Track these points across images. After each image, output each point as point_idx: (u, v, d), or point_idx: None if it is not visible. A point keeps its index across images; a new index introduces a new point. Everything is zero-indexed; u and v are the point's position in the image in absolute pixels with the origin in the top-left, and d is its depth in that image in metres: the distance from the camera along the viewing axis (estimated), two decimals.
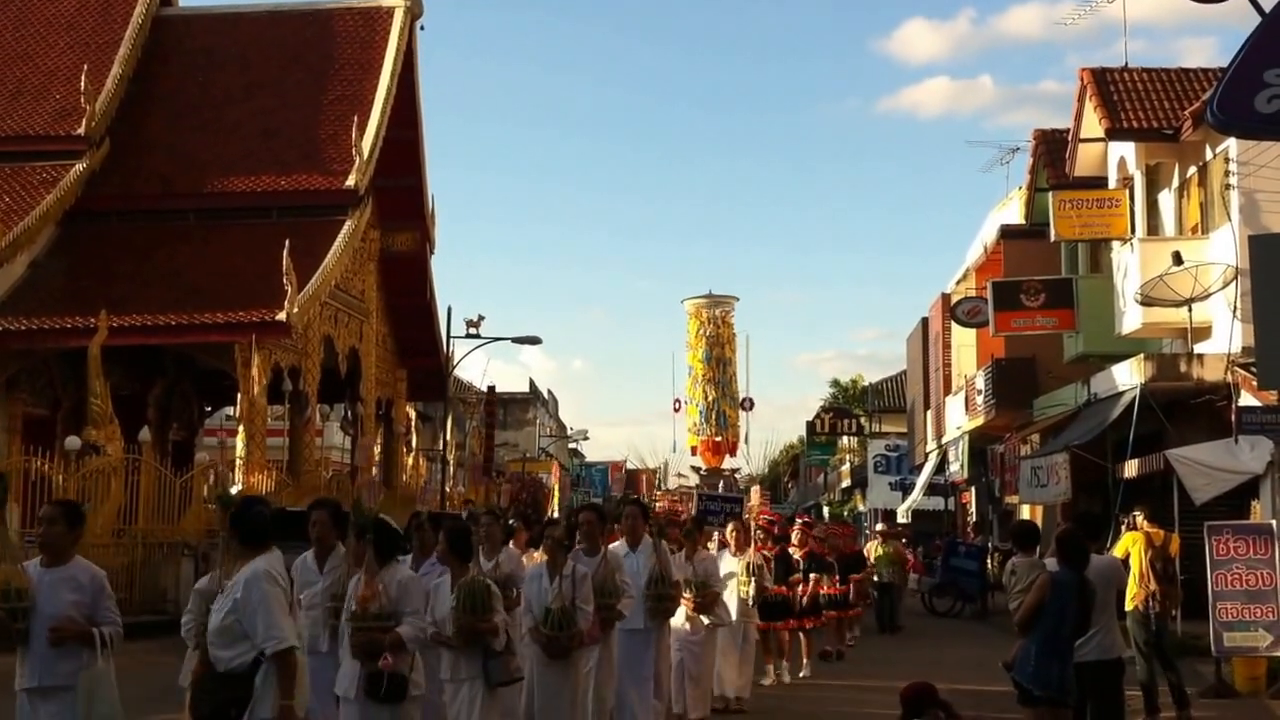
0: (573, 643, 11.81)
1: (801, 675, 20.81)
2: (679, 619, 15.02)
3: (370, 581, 9.85)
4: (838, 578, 24.01)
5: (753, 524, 19.86)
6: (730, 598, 16.84)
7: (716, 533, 18.58)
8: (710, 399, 39.47)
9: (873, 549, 31.13)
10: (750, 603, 17.76)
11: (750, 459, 53.21)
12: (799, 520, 24.69)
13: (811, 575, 21.79)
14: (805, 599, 21.20)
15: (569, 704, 11.89)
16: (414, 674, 9.87)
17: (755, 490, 34.76)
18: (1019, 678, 11.65)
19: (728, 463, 42.78)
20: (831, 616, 23.89)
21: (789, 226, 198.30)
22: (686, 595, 14.99)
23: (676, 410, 40.77)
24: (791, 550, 21.53)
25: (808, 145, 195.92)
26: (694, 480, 38.29)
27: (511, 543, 15.06)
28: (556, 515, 28.24)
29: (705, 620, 15.47)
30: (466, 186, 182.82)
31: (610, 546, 13.62)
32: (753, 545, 18.33)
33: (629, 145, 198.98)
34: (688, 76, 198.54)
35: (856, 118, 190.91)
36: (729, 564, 17.34)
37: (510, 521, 16.79)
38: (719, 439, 39.85)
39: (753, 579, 17.70)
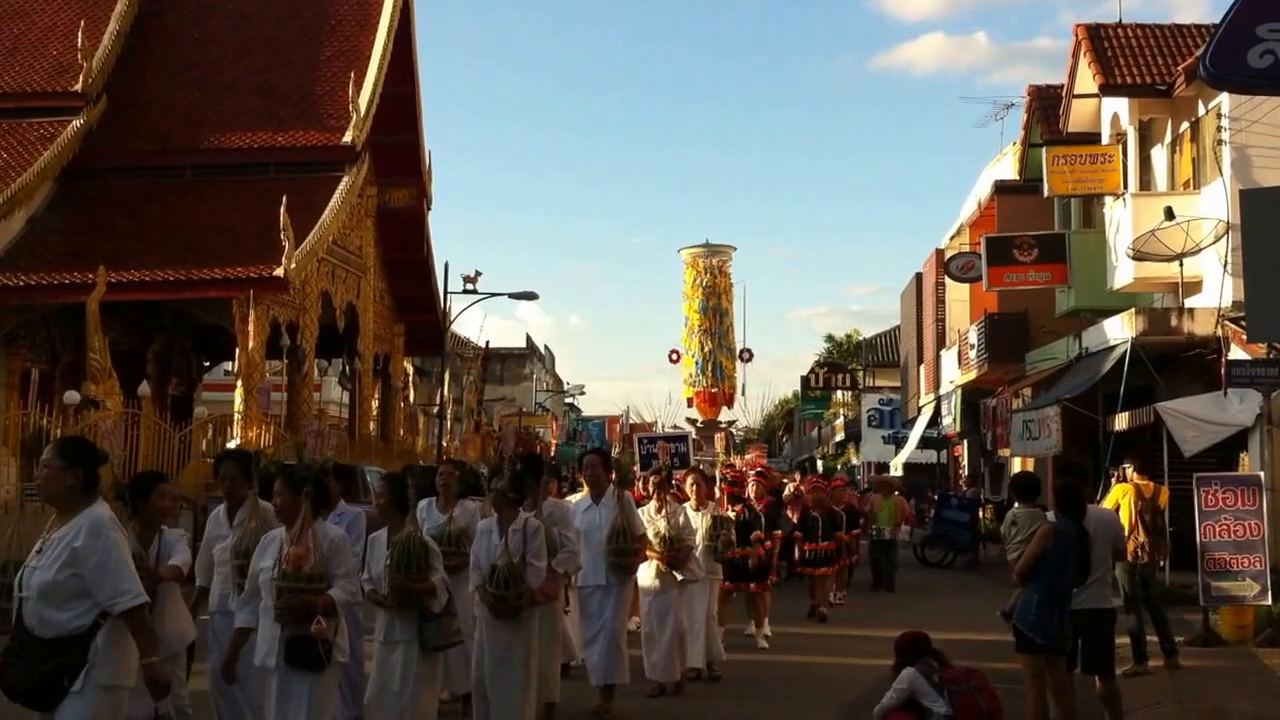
0: (521, 601, 11.00)
1: (760, 643, 19.32)
2: (649, 577, 14.51)
3: (304, 538, 8.99)
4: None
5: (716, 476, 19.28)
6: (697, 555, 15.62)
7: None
8: (707, 350, 39.32)
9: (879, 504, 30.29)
10: (715, 559, 16.48)
11: (748, 411, 53.10)
12: (752, 472, 22.47)
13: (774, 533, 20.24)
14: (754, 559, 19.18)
15: (521, 666, 11.09)
16: (339, 639, 9.04)
17: (719, 437, 34.33)
18: (1020, 626, 11.71)
19: (724, 415, 42.64)
20: (809, 573, 23.29)
21: (784, 183, 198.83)
22: (657, 550, 14.33)
23: (673, 361, 40.64)
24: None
25: (802, 102, 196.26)
26: (692, 433, 38.12)
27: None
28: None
29: (678, 576, 14.60)
30: (464, 143, 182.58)
31: (552, 499, 13.09)
32: (716, 499, 17.24)
33: (624, 103, 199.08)
34: (682, 34, 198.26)
35: (851, 74, 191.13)
36: (691, 519, 15.73)
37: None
38: (715, 390, 39.71)
39: (719, 535, 16.40)
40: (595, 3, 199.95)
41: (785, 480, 27.97)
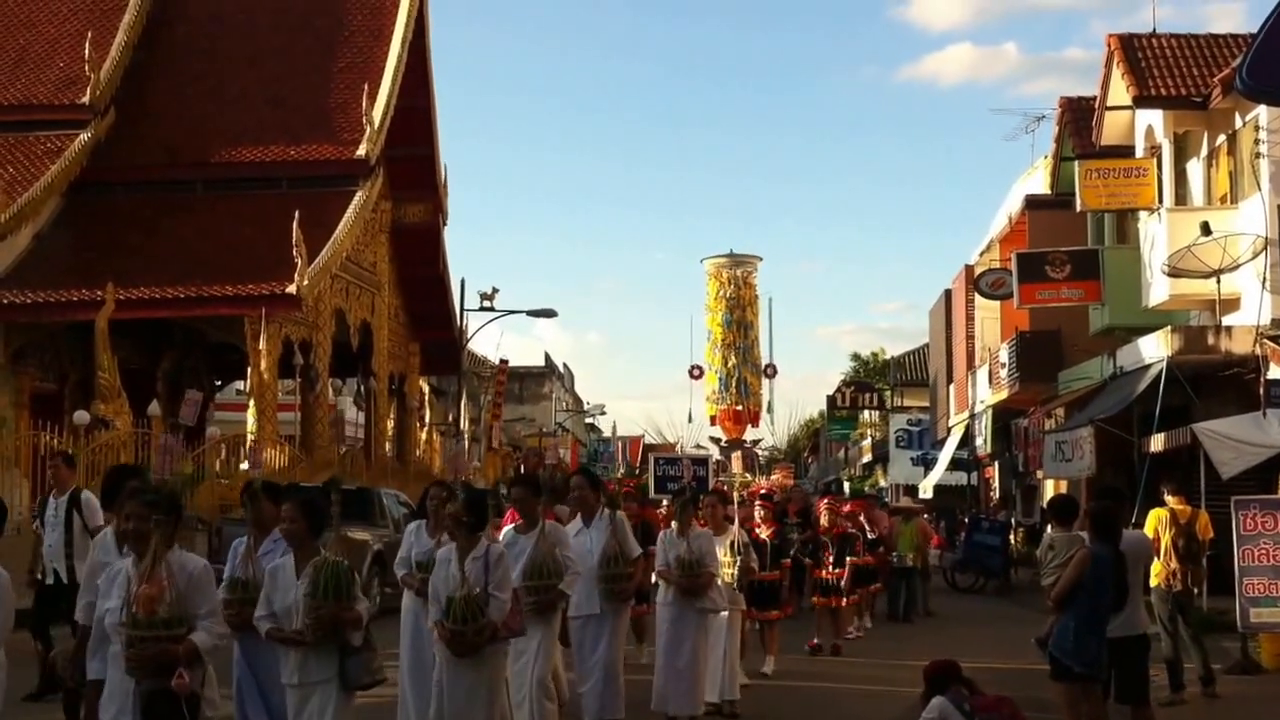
0: (481, 637, 10.01)
1: (763, 671, 18.17)
2: (665, 603, 13.83)
3: (156, 575, 7.73)
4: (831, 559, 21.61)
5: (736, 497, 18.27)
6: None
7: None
8: (730, 365, 38.28)
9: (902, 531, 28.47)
10: (735, 587, 15.56)
11: (775, 430, 52.12)
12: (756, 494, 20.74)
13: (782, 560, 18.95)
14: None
15: (484, 709, 10.22)
16: (206, 690, 7.97)
17: (736, 457, 33.35)
18: (1057, 653, 11.49)
19: (750, 433, 41.70)
20: (822, 604, 21.53)
21: (807, 198, 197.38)
22: (675, 575, 13.64)
23: (695, 377, 39.69)
24: (758, 529, 18.36)
25: (826, 115, 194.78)
26: (715, 452, 37.32)
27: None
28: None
29: (698, 605, 13.77)
30: (480, 157, 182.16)
31: (551, 522, 12.43)
32: (735, 523, 16.29)
33: (645, 115, 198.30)
34: (702, 45, 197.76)
35: (876, 86, 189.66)
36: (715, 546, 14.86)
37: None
38: (739, 408, 38.68)
39: (737, 560, 15.49)
40: (614, 17, 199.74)
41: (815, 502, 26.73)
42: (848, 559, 21.95)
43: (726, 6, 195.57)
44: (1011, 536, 36.40)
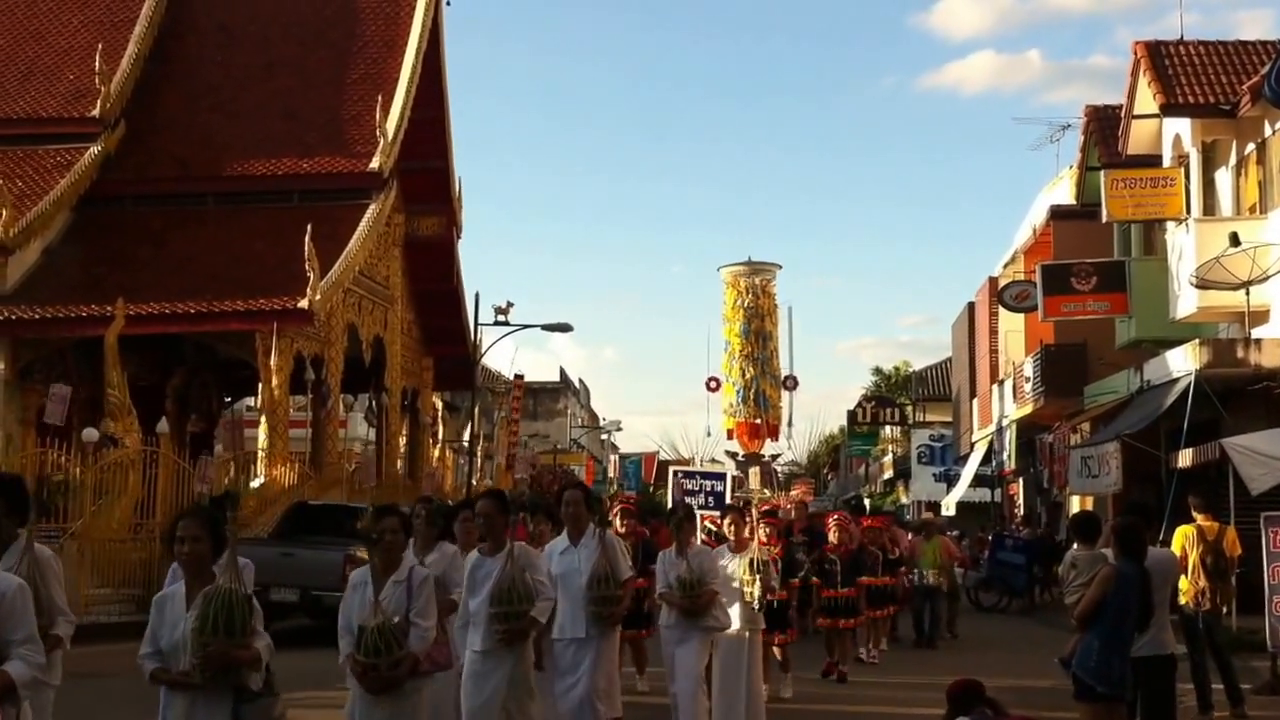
0: (397, 671, 9.00)
1: (781, 695, 17.64)
2: (670, 625, 13.34)
3: None
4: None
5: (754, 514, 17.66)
6: (733, 604, 14.16)
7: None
8: (748, 377, 37.85)
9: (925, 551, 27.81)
10: (756, 608, 14.71)
11: (795, 445, 51.62)
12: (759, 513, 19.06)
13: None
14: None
15: None
16: None
17: (753, 472, 32.86)
18: (1080, 673, 11.25)
19: (769, 448, 41.09)
20: (828, 625, 20.77)
21: (827, 209, 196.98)
22: (677, 596, 13.09)
23: (712, 390, 39.11)
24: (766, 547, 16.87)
25: (846, 125, 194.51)
26: (731, 467, 36.72)
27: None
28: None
29: (702, 625, 13.24)
30: (494, 170, 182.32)
31: (521, 543, 11.59)
32: (756, 540, 15.48)
33: (663, 128, 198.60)
34: (721, 58, 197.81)
35: (897, 96, 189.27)
36: (729, 563, 14.41)
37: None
38: (758, 421, 38.17)
39: (757, 578, 14.54)
40: (631, 29, 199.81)
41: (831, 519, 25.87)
42: (861, 579, 21.42)
43: (744, 17, 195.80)
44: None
